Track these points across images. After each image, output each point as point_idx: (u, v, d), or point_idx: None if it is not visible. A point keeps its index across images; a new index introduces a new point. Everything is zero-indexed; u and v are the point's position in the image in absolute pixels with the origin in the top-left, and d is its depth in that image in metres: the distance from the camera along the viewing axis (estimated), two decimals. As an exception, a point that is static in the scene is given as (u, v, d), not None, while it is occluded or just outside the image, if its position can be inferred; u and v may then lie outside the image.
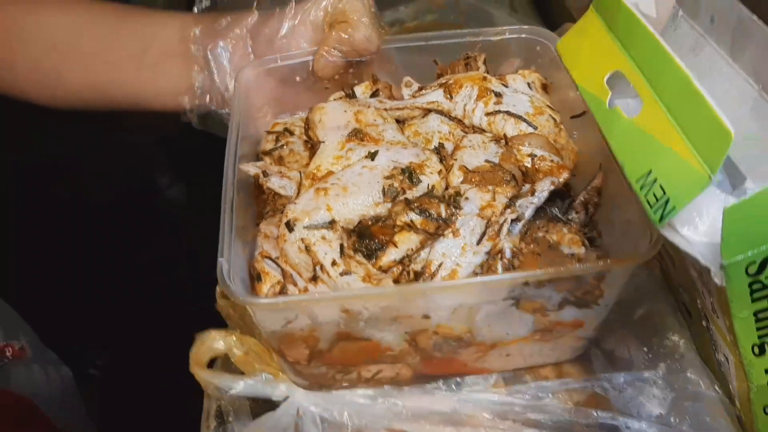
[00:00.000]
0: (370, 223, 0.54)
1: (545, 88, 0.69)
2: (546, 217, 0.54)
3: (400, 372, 0.59)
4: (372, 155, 0.58)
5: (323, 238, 0.53)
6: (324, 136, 0.61)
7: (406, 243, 0.53)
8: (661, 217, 0.37)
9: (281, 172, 0.60)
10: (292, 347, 0.54)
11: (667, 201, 0.37)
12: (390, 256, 0.52)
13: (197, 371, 0.60)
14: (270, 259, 0.55)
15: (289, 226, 0.54)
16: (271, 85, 0.67)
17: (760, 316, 0.37)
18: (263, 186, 0.60)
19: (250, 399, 0.60)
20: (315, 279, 0.53)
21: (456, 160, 0.58)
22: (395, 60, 0.72)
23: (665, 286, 0.60)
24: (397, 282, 0.53)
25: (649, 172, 0.39)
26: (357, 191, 0.55)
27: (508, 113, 0.63)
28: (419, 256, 0.52)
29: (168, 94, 0.68)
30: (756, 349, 0.39)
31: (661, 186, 0.38)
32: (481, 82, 0.65)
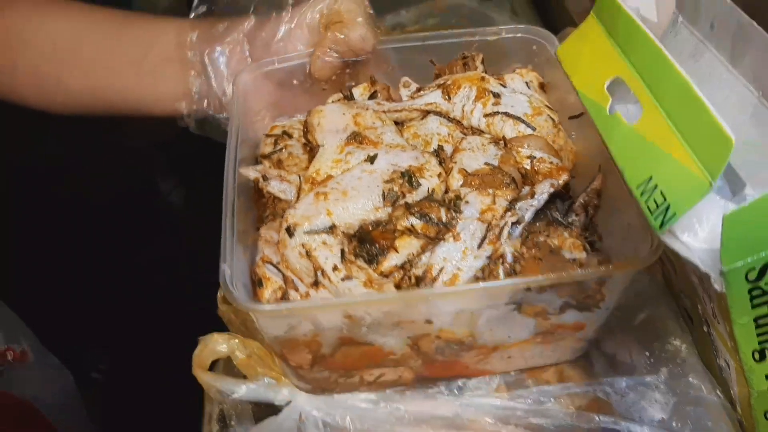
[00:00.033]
0: (370, 227, 0.54)
1: (543, 87, 0.69)
2: (546, 221, 0.54)
3: (403, 375, 0.59)
4: (371, 159, 0.58)
5: (324, 243, 0.53)
6: (323, 139, 0.60)
7: (407, 248, 0.53)
8: (661, 224, 0.37)
9: (281, 176, 0.60)
10: (294, 352, 0.54)
11: (667, 207, 0.37)
12: (391, 261, 0.52)
13: (200, 374, 0.60)
14: (271, 264, 0.55)
15: (290, 232, 0.54)
16: (268, 89, 0.67)
17: (760, 322, 0.37)
18: (263, 190, 0.60)
19: (253, 403, 0.60)
20: (316, 284, 0.53)
21: (456, 163, 0.58)
22: (392, 60, 0.72)
23: (667, 291, 0.61)
24: (398, 286, 0.53)
25: (650, 178, 0.39)
26: (357, 195, 0.55)
27: (507, 114, 0.63)
28: (420, 260, 0.53)
29: (166, 100, 0.68)
30: (756, 355, 0.39)
31: (661, 192, 0.38)
32: (480, 83, 0.65)
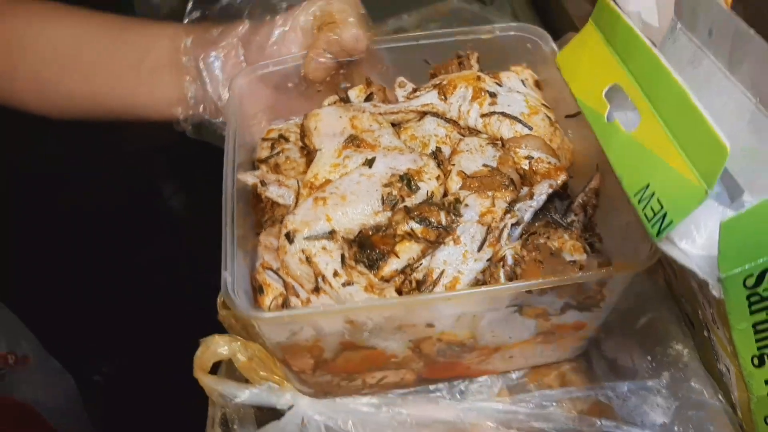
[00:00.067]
0: (370, 232, 0.54)
1: (538, 85, 0.69)
2: (546, 222, 0.55)
3: (405, 377, 0.59)
4: (369, 162, 0.57)
5: (324, 249, 0.53)
6: (320, 143, 0.60)
7: (407, 252, 0.53)
8: (658, 231, 0.37)
9: (279, 181, 0.60)
10: (296, 357, 0.54)
11: (664, 215, 0.37)
12: (392, 265, 0.53)
13: (201, 377, 0.60)
14: (271, 270, 0.55)
15: (289, 238, 0.54)
16: (264, 92, 0.67)
17: (759, 327, 0.37)
18: (261, 195, 0.60)
19: (255, 407, 0.61)
20: (317, 290, 0.53)
21: (454, 165, 0.58)
22: (386, 60, 0.71)
23: (669, 295, 0.61)
24: (399, 291, 0.53)
25: (647, 185, 0.39)
26: (356, 200, 0.55)
27: (504, 114, 0.63)
28: (421, 264, 0.53)
29: (163, 104, 0.68)
30: (755, 361, 0.39)
31: (658, 200, 0.38)
32: (475, 82, 0.65)
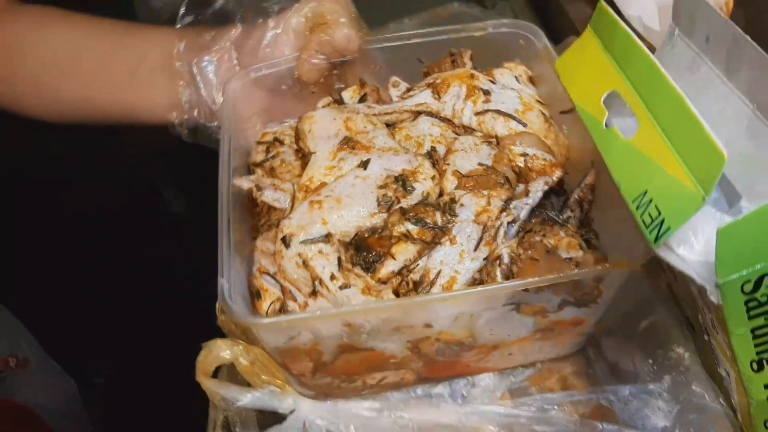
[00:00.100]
0: (366, 235, 0.54)
1: (532, 81, 0.69)
2: (542, 219, 0.54)
3: (405, 377, 0.59)
4: (364, 164, 0.57)
5: (320, 252, 0.53)
6: (315, 146, 0.60)
7: (404, 254, 0.53)
8: (656, 237, 0.37)
9: (274, 185, 0.60)
10: (296, 361, 0.55)
11: (662, 221, 0.37)
12: (388, 267, 0.53)
13: (203, 380, 0.60)
14: (268, 274, 0.55)
15: (286, 242, 0.54)
16: (258, 95, 0.67)
17: (758, 332, 0.37)
18: (257, 200, 0.60)
19: (257, 410, 0.61)
20: (314, 293, 0.53)
21: (449, 164, 0.58)
22: (379, 59, 0.71)
23: (670, 299, 0.60)
24: (396, 292, 0.53)
25: (645, 192, 0.39)
26: (351, 203, 0.55)
27: (498, 112, 0.63)
28: (417, 265, 0.53)
29: (159, 109, 0.68)
30: (754, 365, 0.39)
31: (656, 206, 0.38)
32: (469, 80, 0.65)
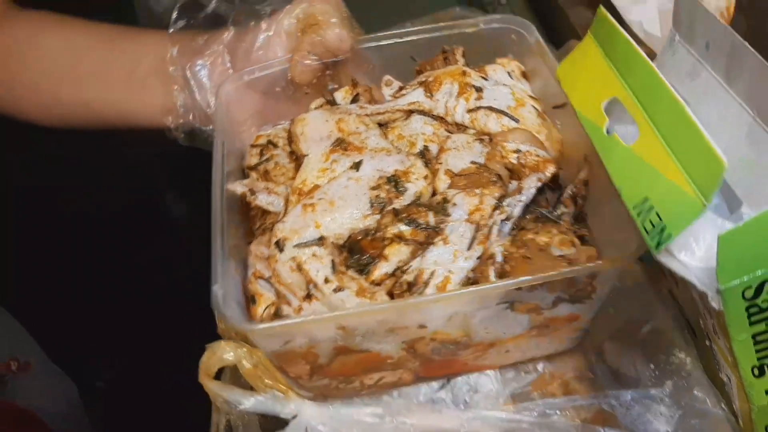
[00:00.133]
0: (359, 237, 0.54)
1: (525, 76, 0.69)
2: (535, 216, 0.54)
3: (402, 376, 0.59)
4: (356, 165, 0.57)
5: (314, 256, 0.53)
6: (307, 148, 0.60)
7: (397, 255, 0.53)
8: (657, 244, 0.37)
9: (268, 189, 0.60)
10: (292, 364, 0.55)
11: (663, 228, 0.37)
12: (382, 269, 0.53)
13: (206, 383, 0.60)
14: (263, 279, 0.55)
15: (279, 246, 0.54)
16: (251, 98, 0.67)
17: (759, 338, 0.37)
18: (251, 203, 0.60)
19: (260, 414, 0.61)
20: (309, 297, 0.53)
21: (441, 163, 0.58)
22: (372, 59, 0.71)
23: (672, 303, 0.60)
24: (390, 293, 0.53)
25: (646, 198, 0.39)
26: (344, 205, 0.55)
27: (490, 108, 0.63)
28: (411, 266, 0.53)
29: (155, 113, 0.68)
30: (756, 371, 0.39)
31: (657, 213, 0.38)
32: (461, 77, 0.65)
